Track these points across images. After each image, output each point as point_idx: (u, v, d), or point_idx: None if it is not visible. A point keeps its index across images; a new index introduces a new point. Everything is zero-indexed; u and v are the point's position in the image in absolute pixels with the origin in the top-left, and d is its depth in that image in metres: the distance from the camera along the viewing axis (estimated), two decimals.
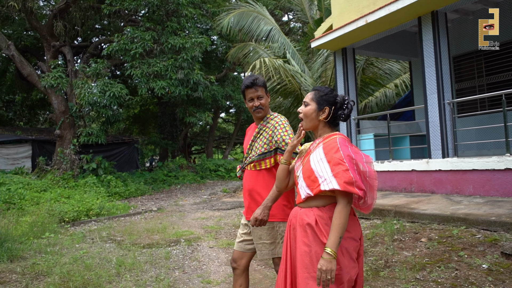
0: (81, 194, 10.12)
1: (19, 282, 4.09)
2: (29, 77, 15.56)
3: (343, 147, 1.98)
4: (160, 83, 12.72)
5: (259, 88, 2.64)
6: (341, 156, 1.93)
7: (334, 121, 2.17)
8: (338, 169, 1.91)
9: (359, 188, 1.90)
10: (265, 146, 2.61)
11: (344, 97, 2.16)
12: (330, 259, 1.85)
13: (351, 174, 1.89)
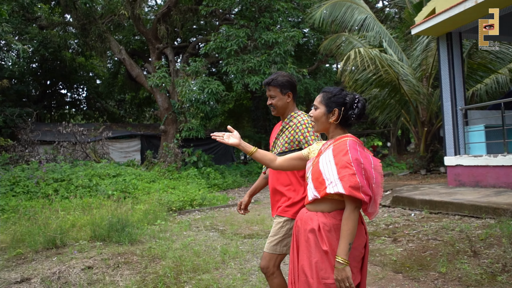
0: (184, 185, 10.88)
1: (139, 263, 4.56)
2: (138, 78, 17.11)
3: (352, 150, 1.93)
4: (254, 78, 13.06)
5: (271, 88, 2.66)
6: (349, 159, 1.89)
7: (346, 122, 2.10)
8: (345, 172, 1.88)
9: (365, 193, 1.85)
10: (286, 145, 2.60)
11: (354, 96, 2.07)
12: (342, 267, 1.84)
13: (357, 178, 1.85)
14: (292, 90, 2.68)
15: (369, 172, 1.92)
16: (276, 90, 2.66)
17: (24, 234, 5.40)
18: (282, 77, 2.66)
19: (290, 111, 2.70)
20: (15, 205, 7.23)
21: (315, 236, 1.98)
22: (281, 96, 2.66)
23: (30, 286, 3.96)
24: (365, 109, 2.08)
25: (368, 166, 1.93)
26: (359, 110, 2.05)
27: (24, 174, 9.20)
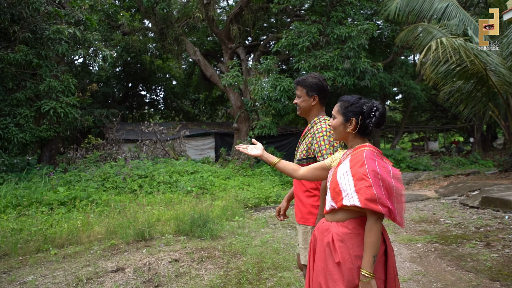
0: (258, 182, 11.04)
1: (222, 258, 4.71)
2: (211, 78, 17.67)
3: (369, 160, 1.90)
4: (326, 74, 12.84)
5: (299, 88, 2.65)
6: (365, 171, 1.86)
7: (365, 131, 2.06)
8: (361, 184, 1.85)
9: (382, 205, 1.81)
10: (304, 152, 2.58)
11: (372, 105, 2.03)
12: (367, 280, 1.81)
13: (374, 190, 1.82)
14: (319, 93, 2.62)
15: (387, 182, 1.87)
16: (303, 91, 2.64)
17: (116, 227, 5.84)
18: (311, 79, 2.63)
19: (314, 115, 2.65)
20: (106, 199, 7.83)
21: (329, 247, 1.97)
22: (306, 97, 2.63)
23: (124, 275, 4.27)
24: (384, 117, 2.03)
25: (387, 176, 1.88)
26: (376, 119, 2.01)
27: (112, 170, 9.93)
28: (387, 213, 1.84)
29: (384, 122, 2.06)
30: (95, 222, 6.13)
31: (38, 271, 4.58)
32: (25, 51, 9.50)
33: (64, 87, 10.05)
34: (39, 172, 9.64)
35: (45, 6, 10.09)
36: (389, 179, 1.88)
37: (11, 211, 6.74)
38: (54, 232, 5.68)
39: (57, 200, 7.39)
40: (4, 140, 9.33)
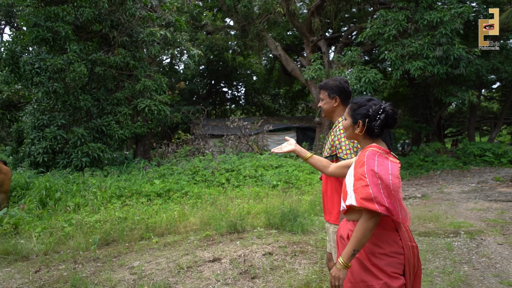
0: None
1: (315, 253, 4.67)
2: (293, 72, 17.64)
3: (369, 160, 1.93)
4: (415, 63, 12.09)
5: (322, 91, 2.74)
6: (364, 171, 1.91)
7: (372, 133, 2.07)
8: (358, 184, 1.91)
9: (379, 204, 1.83)
10: (328, 151, 2.66)
11: (379, 107, 2.03)
12: (340, 267, 1.95)
13: (370, 190, 1.85)
14: (340, 95, 2.68)
15: (385, 180, 1.88)
16: (325, 94, 2.73)
17: (209, 218, 6.08)
18: (332, 82, 2.71)
19: (338, 116, 2.71)
20: (198, 191, 8.19)
21: (344, 243, 2.07)
22: (328, 100, 2.72)
23: (221, 265, 4.42)
24: (393, 118, 2.04)
25: (384, 174, 1.90)
26: (381, 121, 2.02)
27: (201, 164, 10.38)
28: (385, 212, 1.85)
29: (395, 123, 2.06)
30: (190, 213, 6.44)
31: (143, 257, 4.93)
32: (123, 54, 10.29)
33: (157, 86, 10.72)
34: (137, 165, 10.41)
35: (139, 11, 10.83)
36: (387, 177, 1.90)
37: (115, 201, 7.34)
38: (154, 222, 6.07)
39: (154, 192, 7.90)
40: (107, 137, 10.23)
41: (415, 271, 2.07)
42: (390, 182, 1.89)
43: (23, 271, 4.63)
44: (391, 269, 1.96)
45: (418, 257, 2.10)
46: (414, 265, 2.06)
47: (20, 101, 11.34)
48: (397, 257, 1.97)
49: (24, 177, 8.66)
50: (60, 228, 5.82)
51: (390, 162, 1.98)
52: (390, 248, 1.97)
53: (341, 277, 1.97)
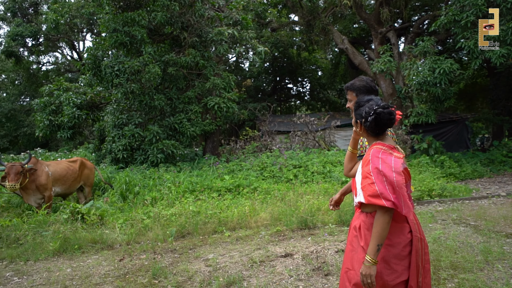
0: (417, 174, 10.27)
1: None
2: (360, 65, 17.12)
3: (373, 159, 2.03)
4: (497, 51, 11.15)
5: (349, 92, 2.76)
6: (369, 170, 2.02)
7: (373, 132, 2.16)
8: (365, 182, 2.03)
9: (386, 199, 1.95)
10: (361, 149, 2.71)
11: (371, 109, 2.11)
12: (368, 265, 1.99)
13: (376, 187, 1.97)
14: (368, 93, 2.69)
15: (389, 177, 1.98)
16: (352, 94, 2.74)
17: (280, 214, 6.12)
18: (359, 82, 2.74)
19: None
20: (266, 187, 8.28)
21: (356, 233, 2.18)
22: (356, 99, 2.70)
23: (293, 261, 4.44)
24: (386, 119, 2.11)
25: (388, 171, 2.00)
26: (370, 123, 2.11)
27: (269, 160, 10.47)
28: (391, 206, 1.96)
29: (391, 122, 2.14)
30: (260, 209, 6.53)
31: (217, 250, 5.10)
32: (193, 54, 10.68)
33: (225, 84, 10.99)
34: (207, 162, 10.76)
35: (208, 12, 11.15)
36: (391, 174, 1.99)
37: (189, 196, 7.66)
38: (226, 216, 6.24)
39: (224, 187, 8.12)
40: (179, 134, 10.70)
41: (423, 264, 2.14)
42: (394, 179, 2.00)
43: (109, 259, 5.00)
44: (396, 261, 2.07)
45: (425, 250, 2.17)
46: (422, 259, 2.14)
47: (101, 102, 12.23)
48: (403, 249, 2.08)
49: (106, 173, 9.34)
50: (140, 220, 6.20)
51: (394, 158, 2.07)
52: (397, 240, 2.07)
53: (372, 274, 2.01)
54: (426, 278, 2.16)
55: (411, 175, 2.25)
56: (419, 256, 2.10)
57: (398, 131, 13.69)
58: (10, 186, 6.36)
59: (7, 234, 5.75)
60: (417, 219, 2.22)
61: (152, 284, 4.10)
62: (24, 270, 4.77)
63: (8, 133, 19.76)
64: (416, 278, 2.09)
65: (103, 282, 4.26)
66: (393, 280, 2.05)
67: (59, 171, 7.31)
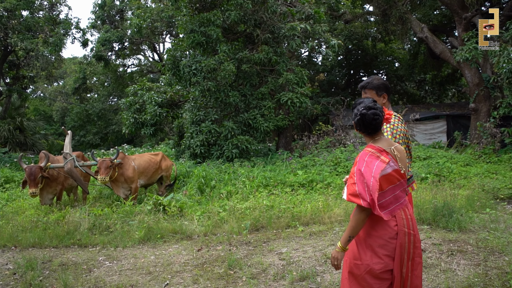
0: (508, 170, 9.40)
1: (476, 254, 4.21)
2: (441, 55, 16.01)
3: (360, 161, 2.27)
4: None
5: (368, 91, 2.86)
6: (353, 171, 2.27)
7: (365, 132, 2.37)
8: (349, 182, 2.29)
9: (363, 199, 2.17)
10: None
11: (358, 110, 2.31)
12: (338, 250, 2.33)
13: (356, 187, 2.20)
14: (386, 91, 2.87)
15: (367, 181, 2.17)
16: (372, 92, 2.85)
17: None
18: (377, 81, 2.87)
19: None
20: (340, 183, 8.12)
21: None
22: (377, 98, 2.84)
23: None
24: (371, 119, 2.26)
25: (368, 175, 2.18)
26: (356, 124, 2.32)
27: (343, 155, 10.26)
28: (367, 206, 2.16)
29: (375, 123, 2.28)
30: (334, 205, 6.44)
31: (290, 244, 5.14)
32: (266, 51, 10.81)
33: (298, 79, 10.96)
34: (280, 157, 10.85)
35: (280, 8, 11.19)
36: (369, 178, 2.17)
37: (262, 190, 7.80)
38: (299, 211, 6.26)
39: (298, 182, 8.13)
40: (253, 129, 10.91)
41: (410, 256, 2.29)
42: (371, 184, 2.17)
43: (188, 248, 5.28)
44: (382, 251, 2.26)
45: (416, 245, 2.32)
46: (409, 251, 2.29)
47: (180, 100, 12.88)
48: (389, 241, 2.26)
49: (185, 167, 9.84)
50: (216, 213, 6.45)
51: (379, 162, 2.23)
52: (383, 232, 2.27)
53: (339, 258, 2.34)
54: (416, 270, 2.34)
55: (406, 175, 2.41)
56: (404, 249, 2.26)
57: (485, 124, 12.64)
58: (101, 179, 6.99)
59: (100, 222, 6.33)
60: (412, 216, 2.39)
61: (228, 274, 4.26)
62: (114, 255, 5.22)
63: (99, 131, 21.67)
64: (399, 269, 2.26)
65: (182, 270, 4.51)
66: (380, 268, 2.26)
67: (143, 164, 7.87)
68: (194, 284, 4.09)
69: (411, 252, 2.29)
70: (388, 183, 2.25)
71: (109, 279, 4.38)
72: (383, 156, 2.26)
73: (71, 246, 5.81)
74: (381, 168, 2.20)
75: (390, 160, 2.26)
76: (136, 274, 4.49)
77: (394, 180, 2.27)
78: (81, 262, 5.00)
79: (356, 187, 2.21)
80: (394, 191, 2.29)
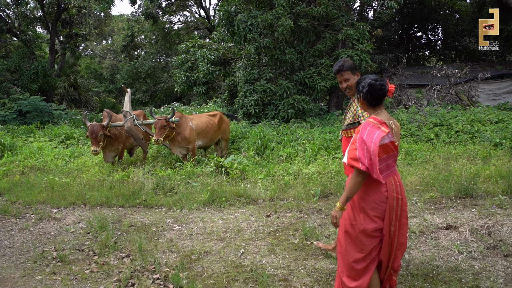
0: None
1: None
2: None
3: (362, 130, 2.52)
4: None
5: (344, 73, 3.20)
6: (355, 138, 2.53)
7: (370, 104, 2.62)
8: (351, 147, 2.54)
9: (362, 163, 2.42)
10: (351, 119, 3.24)
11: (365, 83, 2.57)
12: (337, 210, 2.62)
13: (357, 152, 2.46)
14: (358, 69, 3.22)
15: (369, 146, 2.44)
16: (348, 72, 3.18)
17: (432, 179, 5.56)
18: (348, 62, 3.18)
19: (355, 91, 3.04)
20: (407, 147, 7.63)
21: None
22: (352, 76, 3.19)
23: (459, 235, 3.97)
24: (379, 90, 2.55)
25: (369, 142, 2.45)
26: (365, 94, 2.59)
27: (405, 117, 9.64)
28: (365, 170, 2.43)
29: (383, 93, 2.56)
30: (406, 172, 6.03)
31: None
32: (326, 4, 10.06)
33: (359, 35, 10.21)
34: (338, 117, 10.38)
35: None
36: (370, 144, 2.43)
37: (323, 153, 7.47)
38: None
39: None
40: (309, 89, 10.41)
41: (398, 218, 2.58)
42: (371, 149, 2.42)
43: (256, 214, 5.12)
44: (373, 213, 2.55)
45: (403, 208, 2.61)
46: (397, 213, 2.58)
47: (231, 58, 12.50)
48: (380, 204, 2.54)
49: (240, 127, 9.63)
50: (280, 177, 6.23)
51: (380, 131, 2.47)
52: (375, 196, 2.54)
53: (338, 217, 2.62)
54: (403, 230, 2.64)
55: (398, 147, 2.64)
56: (393, 211, 2.55)
57: None
58: (154, 141, 6.86)
59: (164, 183, 6.30)
60: (400, 182, 2.65)
61: (305, 245, 4.06)
62: (181, 218, 5.17)
63: (148, 88, 21.82)
64: (388, 228, 2.57)
65: (255, 237, 4.36)
66: (372, 228, 2.56)
67: (201, 125, 7.69)
68: (271, 254, 3.92)
69: (399, 214, 2.58)
70: (384, 152, 2.51)
71: (181, 244, 4.32)
72: (383, 127, 2.50)
73: (137, 206, 5.83)
74: (381, 136, 2.46)
75: (389, 132, 2.49)
76: (208, 239, 4.40)
77: (389, 150, 2.55)
78: (150, 224, 4.99)
79: (356, 152, 2.46)
80: (387, 160, 2.56)
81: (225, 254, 3.98)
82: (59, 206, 5.99)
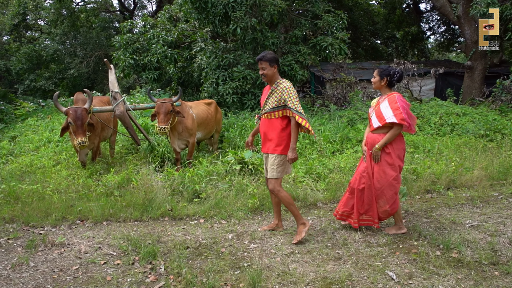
0: None
1: None
2: (441, 9, 15.53)
3: (399, 101, 3.56)
4: None
5: (263, 63, 3.62)
6: (398, 106, 3.53)
7: (390, 84, 3.72)
8: (397, 112, 3.51)
9: (406, 122, 3.51)
10: (275, 103, 3.61)
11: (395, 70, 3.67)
12: (378, 148, 3.62)
13: (403, 115, 3.49)
14: (276, 63, 3.66)
15: (408, 111, 3.62)
16: (266, 64, 3.60)
17: (498, 172, 5.23)
18: (270, 55, 3.63)
19: (276, 79, 3.68)
20: (415, 140, 7.36)
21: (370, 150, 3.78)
22: (270, 67, 3.62)
23: None
24: (402, 77, 3.72)
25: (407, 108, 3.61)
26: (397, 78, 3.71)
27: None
28: (408, 126, 3.60)
29: (399, 81, 3.72)
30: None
31: (461, 213, 4.25)
32: None
33: (338, 23, 9.70)
34: (320, 108, 9.76)
35: None
36: (408, 109, 3.63)
37: (337, 146, 6.77)
38: (435, 172, 5.35)
39: None
40: (288, 78, 9.50)
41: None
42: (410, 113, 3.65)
43: (335, 221, 4.19)
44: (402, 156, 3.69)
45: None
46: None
47: (185, 41, 10.97)
48: (404, 149, 3.72)
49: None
50: (323, 174, 5.34)
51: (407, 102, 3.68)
52: (401, 145, 3.69)
53: (378, 153, 3.65)
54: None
55: None
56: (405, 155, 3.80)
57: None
58: (160, 129, 5.40)
59: (186, 186, 4.91)
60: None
61: (436, 256, 3.25)
62: (242, 231, 4.03)
63: (52, 75, 18.53)
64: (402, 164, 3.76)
65: (381, 252, 3.42)
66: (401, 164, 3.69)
67: (201, 114, 6.34)
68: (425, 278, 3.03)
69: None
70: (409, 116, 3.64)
71: (298, 271, 3.15)
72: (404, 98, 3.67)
73: (161, 219, 4.41)
74: (409, 105, 3.76)
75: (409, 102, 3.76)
76: (317, 259, 3.32)
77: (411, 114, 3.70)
78: (208, 243, 3.70)
79: (403, 115, 3.50)
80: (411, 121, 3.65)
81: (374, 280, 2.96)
82: (42, 225, 4.22)
